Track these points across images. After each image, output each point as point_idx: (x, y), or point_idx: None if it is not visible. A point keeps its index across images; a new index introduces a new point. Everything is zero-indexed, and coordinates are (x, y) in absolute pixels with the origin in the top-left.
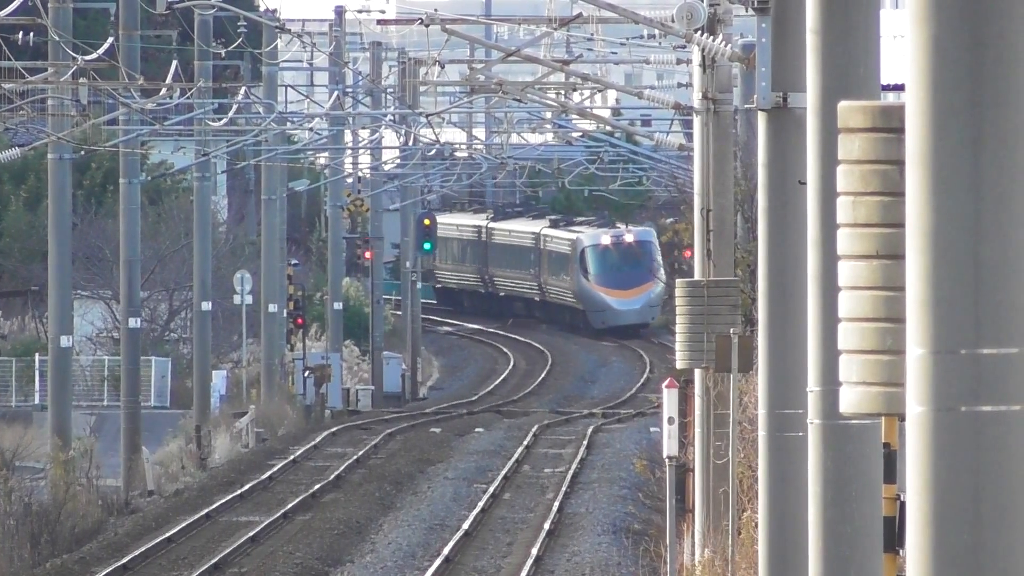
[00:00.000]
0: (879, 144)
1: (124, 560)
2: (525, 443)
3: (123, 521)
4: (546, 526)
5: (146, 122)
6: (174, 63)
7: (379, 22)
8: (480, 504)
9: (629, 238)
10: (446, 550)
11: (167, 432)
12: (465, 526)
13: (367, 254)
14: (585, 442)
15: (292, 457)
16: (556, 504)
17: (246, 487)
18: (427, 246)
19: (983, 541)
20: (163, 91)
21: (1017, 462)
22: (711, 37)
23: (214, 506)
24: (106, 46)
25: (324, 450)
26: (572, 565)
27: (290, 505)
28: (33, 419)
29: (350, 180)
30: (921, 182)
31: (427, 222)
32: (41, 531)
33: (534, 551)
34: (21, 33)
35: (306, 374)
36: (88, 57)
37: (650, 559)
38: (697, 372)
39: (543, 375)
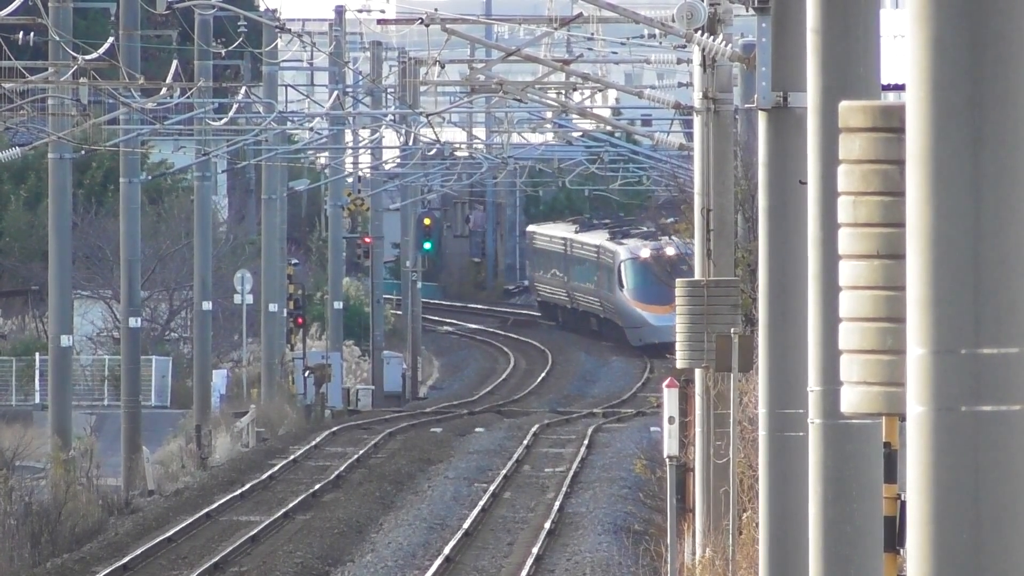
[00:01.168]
0: (879, 144)
1: (124, 560)
2: (525, 443)
3: (123, 521)
4: (547, 526)
5: (146, 122)
6: (174, 63)
7: (379, 22)
8: (480, 504)
9: (670, 251)
10: (447, 550)
11: (167, 432)
12: (466, 526)
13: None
14: (585, 442)
15: (292, 457)
16: (557, 504)
17: (246, 487)
18: (427, 246)
19: (983, 540)
20: (163, 91)
21: (1017, 462)
22: (711, 37)
23: (214, 506)
24: (106, 46)
25: (324, 450)
26: (572, 565)
27: (290, 505)
28: (33, 419)
29: (350, 180)
30: (921, 182)
31: (427, 221)
32: (41, 531)
33: (535, 551)
34: (21, 33)
35: (306, 374)
36: (88, 57)
37: (651, 559)
38: (697, 372)
39: (543, 375)
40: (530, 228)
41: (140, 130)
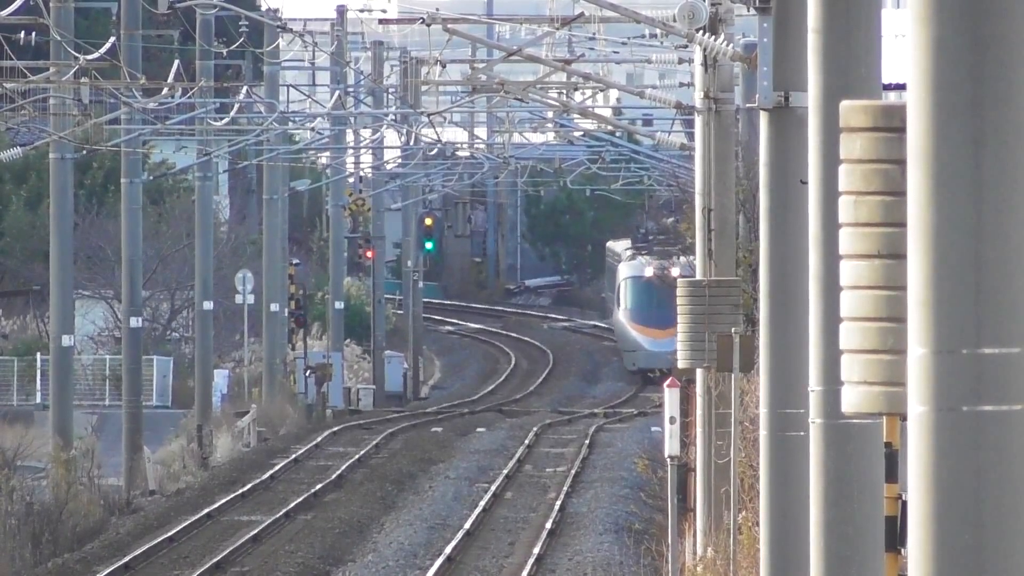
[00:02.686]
0: (881, 143)
1: (125, 559)
2: (527, 442)
3: (124, 520)
4: (548, 525)
5: (148, 122)
6: (176, 63)
7: (381, 21)
8: (482, 503)
9: (675, 271)
10: (448, 549)
11: (169, 431)
12: (467, 525)
13: (368, 253)
14: (587, 441)
15: (293, 456)
16: (558, 503)
17: (248, 486)
18: (428, 245)
19: (984, 541)
20: (165, 91)
21: (1018, 462)
22: (713, 36)
23: (216, 505)
24: (108, 45)
25: (325, 449)
26: (574, 564)
27: (292, 504)
28: (35, 418)
29: (352, 179)
30: (922, 182)
31: (428, 221)
32: (43, 530)
33: (536, 550)
34: (23, 32)
35: (308, 373)
36: (90, 57)
37: (652, 558)
38: (699, 372)
39: (545, 374)
40: (608, 244)
41: (141, 130)
